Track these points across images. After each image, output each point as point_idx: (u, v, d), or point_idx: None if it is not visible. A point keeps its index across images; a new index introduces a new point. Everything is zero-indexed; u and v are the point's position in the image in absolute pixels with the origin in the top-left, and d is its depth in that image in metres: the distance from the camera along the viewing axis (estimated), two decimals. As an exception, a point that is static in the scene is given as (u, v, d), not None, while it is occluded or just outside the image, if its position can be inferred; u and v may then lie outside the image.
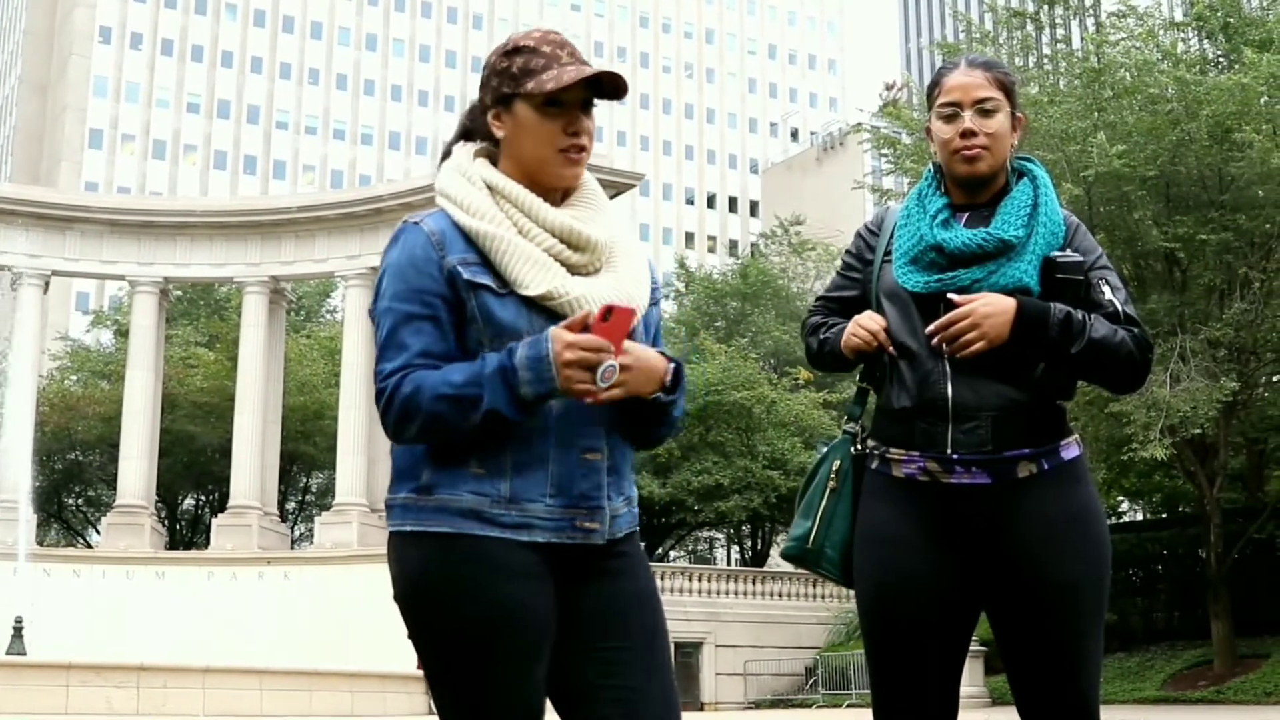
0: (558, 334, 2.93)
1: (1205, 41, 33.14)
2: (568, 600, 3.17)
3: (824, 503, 3.91)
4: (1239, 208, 28.80)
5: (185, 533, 54.37)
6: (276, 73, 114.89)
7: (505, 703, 3.09)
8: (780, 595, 40.82)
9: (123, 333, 50.12)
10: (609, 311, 2.94)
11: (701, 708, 37.24)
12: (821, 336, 3.95)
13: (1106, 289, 3.73)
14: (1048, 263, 3.71)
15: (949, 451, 3.69)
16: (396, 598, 3.18)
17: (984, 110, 3.78)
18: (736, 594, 40.22)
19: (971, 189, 3.83)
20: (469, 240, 3.13)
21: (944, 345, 3.64)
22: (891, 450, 3.79)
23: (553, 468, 3.11)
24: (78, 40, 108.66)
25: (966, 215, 3.82)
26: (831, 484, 3.91)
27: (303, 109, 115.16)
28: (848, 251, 4.03)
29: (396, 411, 3.04)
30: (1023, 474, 3.68)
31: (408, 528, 3.13)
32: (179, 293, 49.77)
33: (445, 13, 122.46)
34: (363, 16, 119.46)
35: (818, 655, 38.02)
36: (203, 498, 54.61)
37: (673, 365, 3.15)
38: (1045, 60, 36.77)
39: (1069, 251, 3.75)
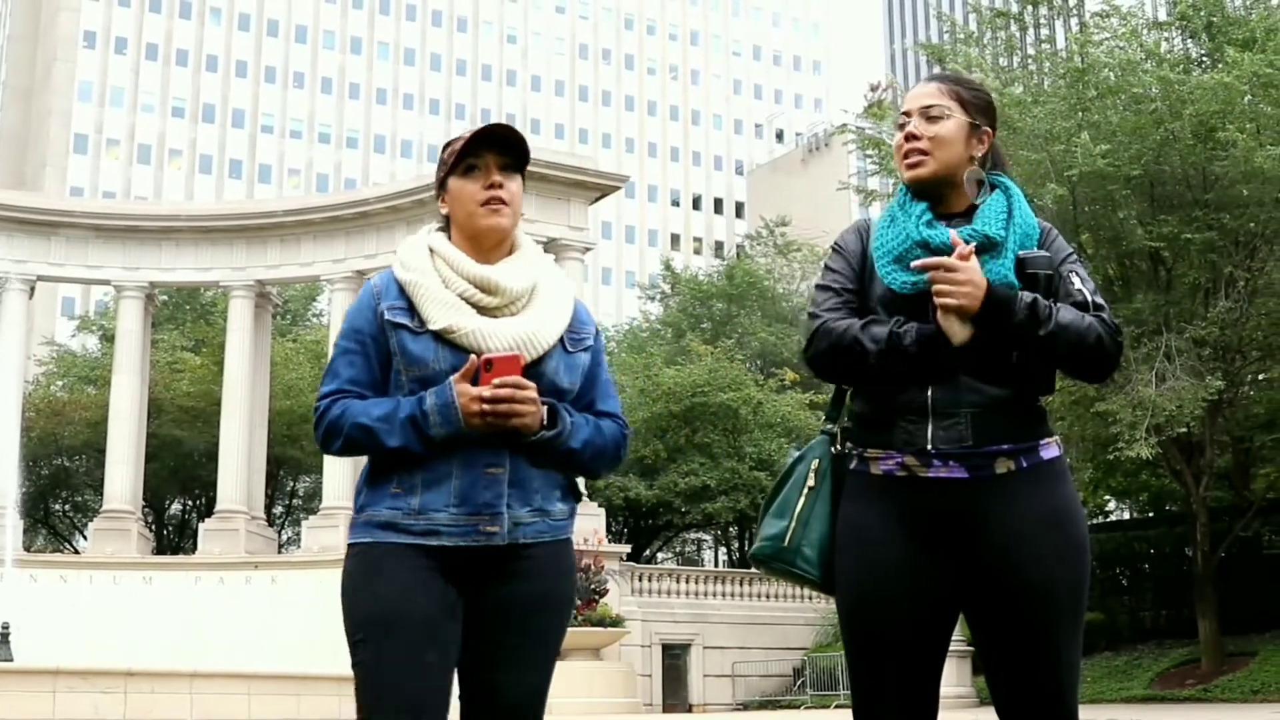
0: (463, 388, 3.67)
1: (1188, 41, 33.22)
2: (475, 600, 3.80)
3: (801, 501, 3.90)
4: (1223, 206, 28.87)
5: (172, 537, 54.26)
6: (261, 76, 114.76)
7: (395, 687, 3.69)
8: (768, 596, 40.81)
9: (108, 338, 50.04)
10: (490, 363, 3.66)
11: (690, 709, 37.25)
12: (892, 330, 3.73)
13: (1076, 279, 3.79)
14: (1019, 260, 3.76)
15: (929, 447, 3.70)
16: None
17: (929, 116, 3.85)
18: (724, 595, 40.21)
19: (939, 198, 3.88)
20: (402, 290, 3.86)
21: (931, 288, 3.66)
22: (870, 450, 3.81)
23: (455, 482, 3.75)
24: (62, 45, 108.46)
25: (946, 223, 3.85)
26: (810, 483, 3.90)
27: (288, 113, 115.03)
28: (829, 268, 3.99)
29: (324, 429, 3.81)
30: (1001, 470, 3.70)
31: (349, 541, 3.89)
32: (165, 297, 49.69)
33: (430, 16, 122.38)
34: (347, 20, 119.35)
35: (805, 656, 38.03)
36: (189, 502, 54.48)
37: (546, 406, 3.76)
38: (1029, 60, 36.86)
39: (1036, 250, 3.81)
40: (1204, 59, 31.98)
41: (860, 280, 3.91)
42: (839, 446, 3.91)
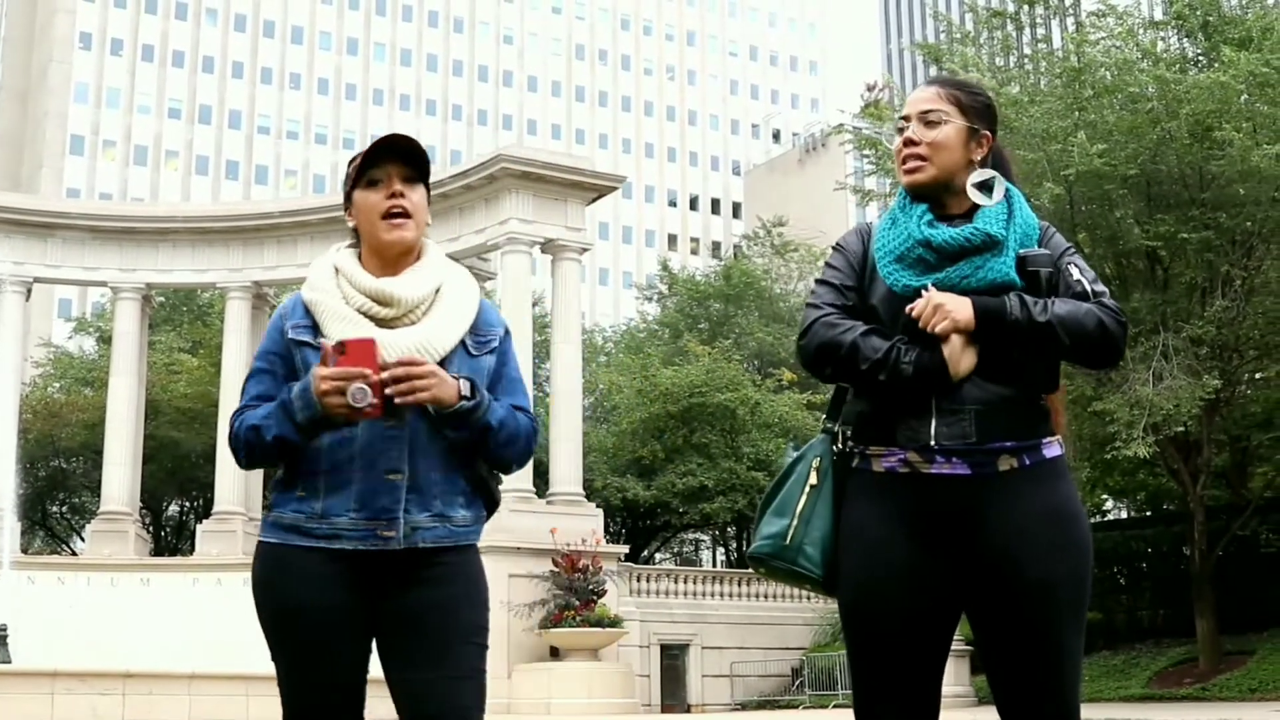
0: (316, 370, 3.75)
1: (1185, 40, 33.21)
2: (380, 605, 3.94)
3: (803, 500, 3.89)
4: (1220, 206, 28.88)
5: (170, 539, 54.26)
6: (258, 77, 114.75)
7: (303, 682, 3.95)
8: (766, 596, 40.79)
9: (105, 339, 49.99)
10: (344, 346, 3.72)
11: (688, 709, 37.24)
12: (894, 346, 3.73)
13: (1075, 270, 3.81)
14: (1020, 259, 3.78)
15: (932, 443, 3.71)
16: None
17: (927, 121, 3.87)
18: (722, 595, 40.18)
19: (937, 200, 3.90)
20: (308, 310, 4.01)
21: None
22: (872, 447, 3.81)
23: (356, 487, 3.88)
24: (58, 46, 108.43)
25: (948, 223, 3.87)
26: (812, 481, 3.90)
27: (284, 114, 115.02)
28: (830, 265, 4.01)
29: (232, 443, 3.96)
30: (1003, 467, 3.71)
31: (259, 539, 4.03)
32: (161, 299, 49.66)
33: (426, 17, 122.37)
34: (344, 21, 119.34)
35: (804, 656, 38.01)
36: (187, 504, 54.47)
37: (467, 380, 3.87)
38: (1025, 60, 36.85)
39: (1037, 248, 3.84)
40: (1200, 58, 31.98)
41: (860, 280, 3.92)
42: (840, 445, 3.91)
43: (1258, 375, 32.65)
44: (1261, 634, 31.78)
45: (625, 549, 39.47)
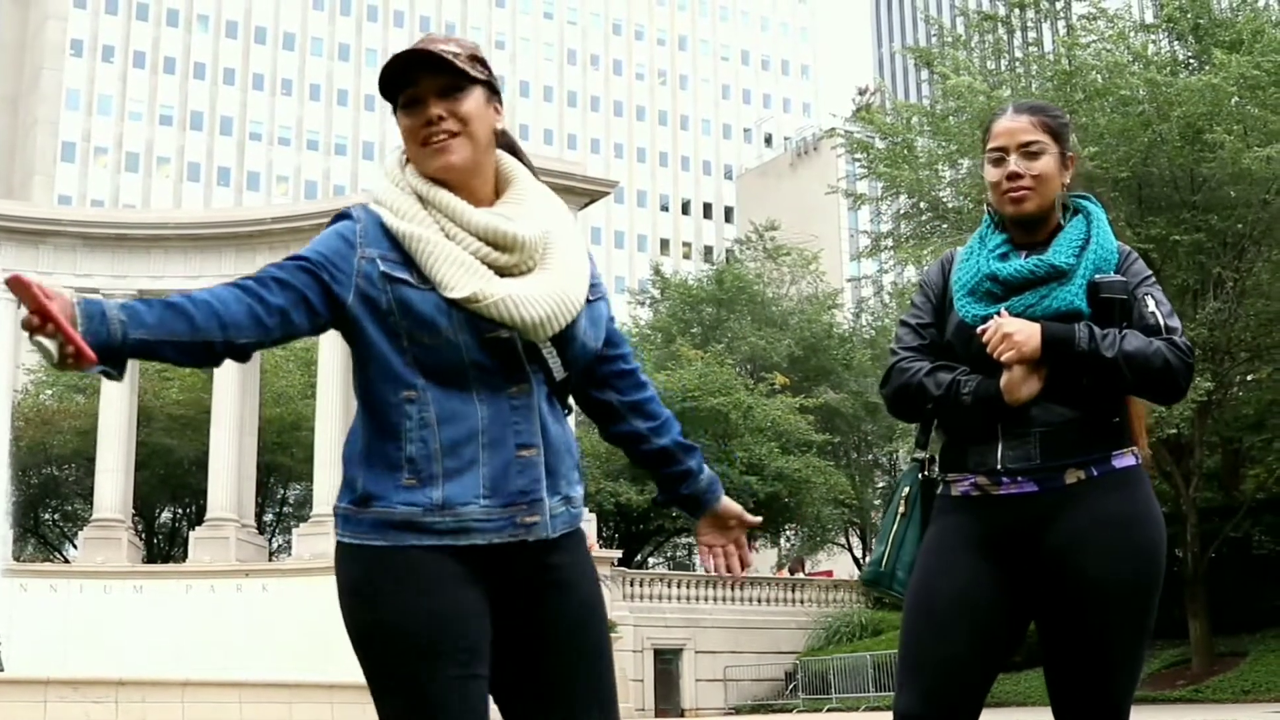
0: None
1: (1175, 43, 33.30)
2: (511, 613, 3.17)
3: (895, 527, 4.06)
4: (1211, 208, 28.94)
5: (163, 546, 54.13)
6: (249, 84, 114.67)
7: (449, 710, 3.05)
8: (759, 601, 40.84)
9: (97, 346, 49.85)
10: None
11: (682, 714, 37.26)
12: (955, 379, 3.87)
13: (1150, 302, 3.85)
14: (1092, 286, 3.83)
15: (998, 466, 3.81)
16: (341, 607, 3.21)
17: (1029, 153, 3.91)
18: (716, 600, 40.22)
19: (1027, 228, 3.97)
20: (394, 241, 3.13)
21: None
22: (950, 474, 3.94)
23: (484, 469, 3.10)
24: (49, 53, 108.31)
25: (1025, 252, 3.95)
26: (901, 509, 4.06)
27: (276, 120, 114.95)
28: (912, 303, 4.14)
29: None
30: (1070, 480, 3.78)
31: (347, 539, 3.17)
32: (153, 305, 49.55)
33: (418, 22, 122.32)
34: (335, 27, 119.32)
35: (797, 660, 38.07)
36: (180, 511, 54.35)
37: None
38: (1017, 63, 36.93)
39: (1112, 274, 3.87)
40: (1191, 61, 32.05)
41: (940, 314, 4.03)
42: (926, 473, 4.04)
43: (1249, 377, 32.72)
44: (1254, 635, 31.81)
45: (619, 553, 39.50)
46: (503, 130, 3.32)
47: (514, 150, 3.36)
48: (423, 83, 3.18)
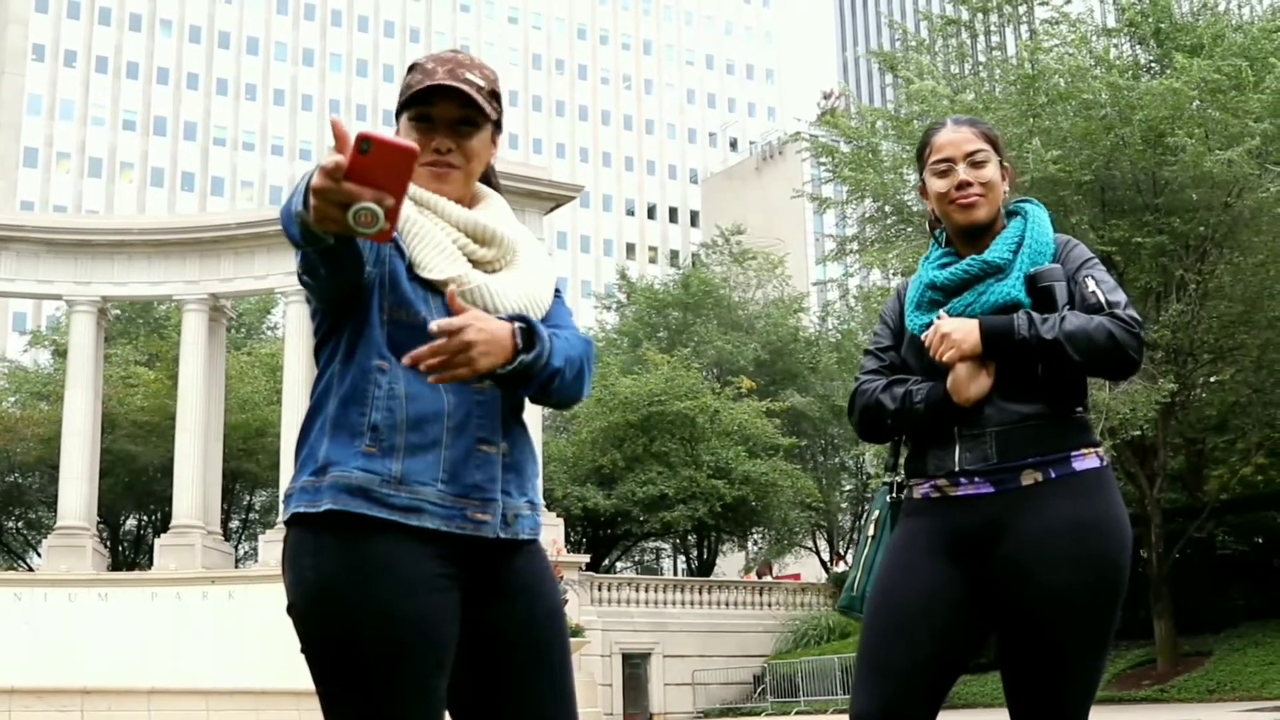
0: (325, 160, 2.64)
1: (1137, 47, 33.47)
2: (477, 619, 3.13)
3: (865, 551, 4.09)
4: (1173, 211, 29.11)
5: (128, 553, 53.86)
6: (213, 89, 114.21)
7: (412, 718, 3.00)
8: (727, 604, 40.88)
9: (61, 353, 49.66)
10: (366, 141, 2.58)
11: (651, 718, 37.26)
12: (907, 389, 3.92)
13: (1091, 283, 3.86)
14: (1030, 277, 3.87)
15: (956, 468, 3.82)
16: (289, 609, 3.10)
17: (975, 162, 3.97)
18: (684, 604, 40.25)
19: (973, 237, 4.00)
20: None
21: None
22: (912, 479, 3.96)
23: (447, 453, 3.07)
24: (11, 58, 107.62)
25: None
26: (870, 532, 4.09)
27: (240, 125, 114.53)
28: (875, 332, 4.20)
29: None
30: (1027, 481, 3.77)
31: (302, 508, 3.09)
32: (117, 312, 49.34)
33: (381, 27, 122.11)
34: (299, 32, 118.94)
35: (765, 663, 38.12)
36: (145, 518, 54.11)
37: (519, 325, 3.04)
38: (980, 67, 37.06)
39: (1048, 263, 3.91)
40: (1153, 65, 32.23)
41: (899, 336, 4.09)
42: (895, 494, 4.06)
43: (1212, 379, 32.90)
44: (1219, 635, 32.02)
45: (586, 558, 39.48)
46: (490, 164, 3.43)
47: (488, 176, 3.44)
48: (439, 106, 3.21)
